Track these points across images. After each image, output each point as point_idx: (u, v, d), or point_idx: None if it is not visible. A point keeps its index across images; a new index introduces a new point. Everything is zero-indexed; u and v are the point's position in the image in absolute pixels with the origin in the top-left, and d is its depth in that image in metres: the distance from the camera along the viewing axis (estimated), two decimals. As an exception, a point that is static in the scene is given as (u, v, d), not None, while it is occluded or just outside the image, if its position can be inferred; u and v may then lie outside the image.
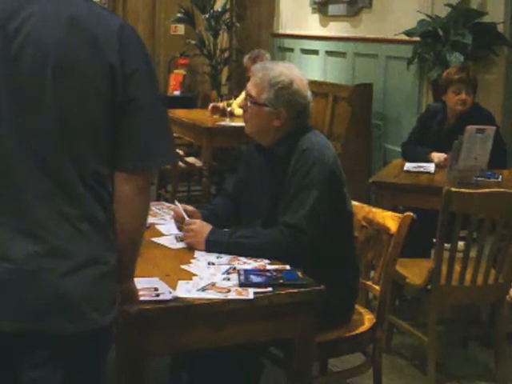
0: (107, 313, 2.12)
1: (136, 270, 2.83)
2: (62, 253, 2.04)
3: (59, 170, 2.05)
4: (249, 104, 3.29)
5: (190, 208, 3.38)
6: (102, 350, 2.18)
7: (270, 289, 2.76)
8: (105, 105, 2.06)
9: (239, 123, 6.69)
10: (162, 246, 3.22)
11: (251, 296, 2.70)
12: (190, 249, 3.16)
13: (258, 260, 3.03)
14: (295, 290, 2.79)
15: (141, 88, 2.10)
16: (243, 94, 7.38)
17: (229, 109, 7.26)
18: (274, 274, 2.87)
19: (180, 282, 2.75)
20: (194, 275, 2.85)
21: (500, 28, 6.42)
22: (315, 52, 8.89)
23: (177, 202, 3.42)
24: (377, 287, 3.47)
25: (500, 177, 4.73)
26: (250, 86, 3.31)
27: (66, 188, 2.05)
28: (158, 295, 2.60)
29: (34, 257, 2.02)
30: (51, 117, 2.03)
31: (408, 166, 5.01)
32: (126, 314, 2.32)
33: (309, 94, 3.29)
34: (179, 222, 3.32)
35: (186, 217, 3.28)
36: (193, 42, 9.88)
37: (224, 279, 2.82)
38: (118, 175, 2.13)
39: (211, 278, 2.83)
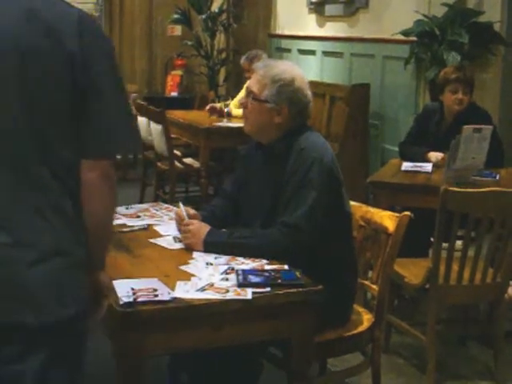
0: (72, 305, 2.11)
1: (134, 271, 2.86)
2: (28, 243, 2.04)
3: (24, 160, 2.05)
4: (250, 100, 3.30)
5: (191, 211, 3.37)
6: (75, 344, 2.18)
7: (268, 289, 2.77)
8: (67, 93, 2.07)
9: (237, 124, 6.71)
10: (161, 246, 3.23)
11: (249, 296, 2.70)
12: (189, 249, 3.16)
13: (257, 260, 3.03)
14: (293, 290, 2.79)
15: (101, 75, 2.11)
16: (241, 94, 7.42)
17: (226, 109, 7.26)
18: (273, 274, 2.88)
19: (178, 283, 2.75)
20: (193, 276, 2.85)
21: (497, 27, 6.43)
22: (312, 52, 8.90)
23: (181, 204, 3.42)
24: (375, 287, 3.48)
25: (497, 176, 4.74)
26: (251, 82, 3.32)
27: (31, 177, 2.06)
28: (156, 296, 2.60)
29: (2, 247, 2.03)
30: (14, 107, 2.04)
31: (405, 165, 5.02)
32: (98, 307, 2.31)
33: (309, 93, 3.30)
34: (180, 223, 3.32)
35: (186, 218, 3.29)
36: (190, 42, 9.89)
37: (222, 279, 2.83)
38: (83, 163, 2.12)
39: (210, 278, 2.83)
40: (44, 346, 2.09)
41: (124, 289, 2.63)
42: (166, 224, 3.50)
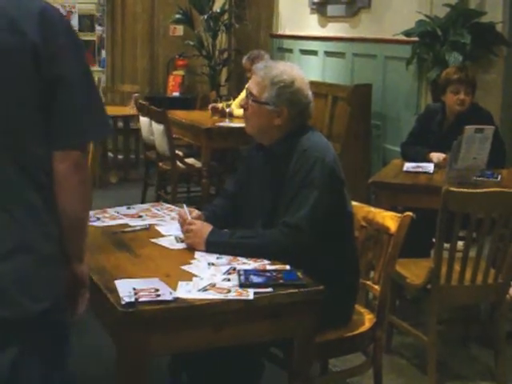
0: (43, 300, 2.11)
1: (136, 271, 2.86)
2: None
3: None
4: (250, 102, 3.29)
5: (195, 212, 3.37)
6: (47, 337, 2.17)
7: (270, 289, 2.76)
8: (33, 84, 2.07)
9: (238, 124, 6.71)
10: (162, 246, 3.22)
11: (251, 296, 2.70)
12: (190, 249, 3.16)
13: (258, 260, 3.03)
14: (295, 290, 2.79)
15: (67, 65, 2.10)
16: (242, 95, 7.42)
17: (228, 109, 7.26)
18: (274, 274, 2.87)
19: (180, 283, 2.75)
20: (195, 276, 2.85)
21: (499, 28, 6.43)
22: (314, 52, 8.90)
23: (184, 206, 3.42)
24: (377, 287, 3.48)
25: (499, 176, 4.74)
26: (251, 84, 3.31)
27: None
28: (158, 296, 2.60)
29: None
30: None
31: (407, 165, 5.02)
32: (79, 300, 2.31)
33: (310, 93, 3.29)
34: (183, 223, 3.31)
35: (189, 217, 3.29)
36: (191, 42, 9.89)
37: (224, 280, 2.83)
38: (54, 154, 2.11)
39: (211, 278, 2.83)
40: (16, 341, 2.09)
41: (126, 289, 2.63)
42: (167, 224, 3.50)
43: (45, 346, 2.17)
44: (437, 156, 5.05)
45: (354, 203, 3.45)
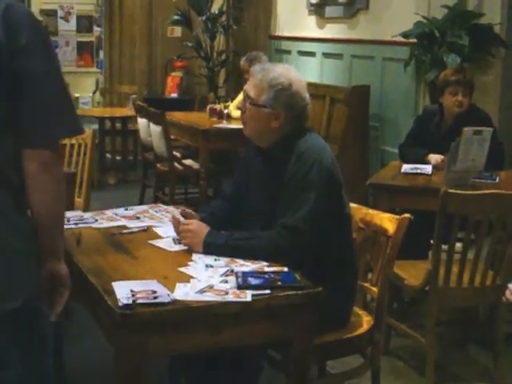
0: (13, 298, 2.10)
1: (134, 273, 2.85)
2: None
3: None
4: (247, 105, 3.29)
5: (188, 211, 3.37)
6: (27, 337, 2.16)
7: (267, 291, 2.76)
8: None
9: (236, 125, 6.71)
10: (160, 248, 3.22)
11: (249, 298, 2.70)
12: (188, 251, 3.15)
13: (256, 262, 3.03)
14: (293, 292, 2.78)
15: (32, 62, 2.09)
16: (240, 96, 7.40)
17: (226, 111, 7.26)
18: (272, 276, 2.87)
19: (178, 285, 2.74)
20: (192, 277, 2.84)
21: (497, 29, 6.43)
22: (312, 54, 8.90)
23: (173, 208, 3.43)
24: (375, 289, 3.47)
25: (497, 178, 4.74)
26: (249, 87, 3.31)
27: None
28: (156, 298, 2.60)
29: None
30: None
31: (405, 167, 5.02)
32: (57, 299, 2.29)
33: (307, 95, 3.29)
34: (177, 225, 3.31)
35: (181, 219, 3.29)
36: (190, 44, 9.88)
37: (222, 281, 2.82)
38: (23, 153, 2.10)
39: (209, 280, 2.83)
40: None
41: (123, 290, 2.63)
42: (165, 226, 3.50)
43: (19, 345, 2.15)
44: (435, 158, 5.05)
45: (351, 205, 3.45)
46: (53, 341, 2.31)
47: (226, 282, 2.82)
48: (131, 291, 2.62)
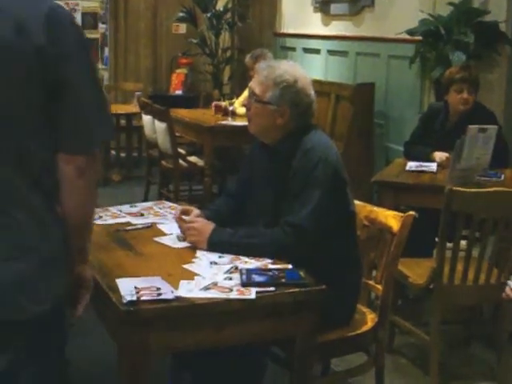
0: (43, 302, 2.10)
1: (138, 269, 2.85)
2: None
3: None
4: (253, 102, 3.29)
5: (196, 211, 3.36)
6: (51, 340, 2.16)
7: (272, 288, 2.76)
8: (37, 87, 2.05)
9: (241, 122, 6.71)
10: (164, 245, 3.22)
11: (253, 295, 2.69)
12: (192, 248, 3.15)
13: (260, 259, 3.02)
14: (297, 290, 2.78)
15: (73, 69, 2.08)
16: (245, 93, 7.41)
17: (231, 108, 7.26)
18: (276, 273, 2.87)
19: (182, 282, 2.74)
20: (196, 275, 2.84)
21: (502, 27, 6.41)
22: (317, 51, 8.89)
23: (177, 206, 3.42)
24: (379, 286, 3.47)
25: (502, 176, 4.73)
26: (254, 84, 3.30)
27: None
28: (159, 294, 2.60)
29: None
30: None
31: (410, 165, 5.01)
32: (79, 302, 2.30)
33: (312, 92, 3.28)
34: (181, 220, 3.31)
35: (186, 218, 3.29)
36: (194, 41, 9.88)
37: (226, 279, 2.82)
38: (59, 157, 2.10)
39: (213, 277, 2.82)
40: (15, 344, 2.08)
41: (127, 287, 2.63)
42: (169, 222, 3.49)
43: (42, 347, 2.15)
44: (440, 155, 5.04)
45: (356, 202, 3.44)
46: None
47: (231, 279, 2.82)
48: (135, 288, 2.62)
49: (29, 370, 2.12)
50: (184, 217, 3.31)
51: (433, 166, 4.95)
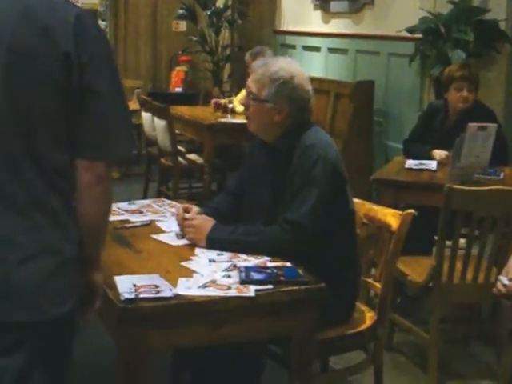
0: (62, 304, 2.11)
1: (136, 267, 2.85)
2: (12, 242, 2.05)
3: (12, 158, 2.06)
4: (250, 101, 3.28)
5: (195, 208, 3.36)
6: (63, 342, 2.18)
7: (270, 286, 2.76)
8: (60, 93, 2.06)
9: (241, 120, 6.70)
10: (163, 242, 3.22)
11: (252, 293, 2.69)
12: (191, 246, 3.15)
13: (259, 257, 3.02)
14: (296, 288, 2.78)
15: (98, 77, 2.09)
16: (244, 91, 7.38)
17: (230, 105, 7.25)
18: (275, 271, 2.87)
19: (180, 279, 2.74)
20: (195, 272, 2.84)
21: (502, 25, 6.41)
22: (317, 49, 8.88)
23: (177, 204, 3.42)
24: (378, 284, 3.47)
25: (502, 174, 4.72)
26: (250, 82, 3.30)
27: (18, 176, 2.06)
28: (158, 292, 2.59)
29: None
30: (4, 104, 2.04)
31: (409, 163, 5.00)
32: (90, 306, 2.31)
33: (310, 88, 3.28)
34: (180, 217, 3.30)
35: (185, 215, 3.29)
36: (194, 38, 9.87)
37: (225, 276, 2.82)
38: (77, 163, 2.12)
39: (212, 275, 2.82)
40: (30, 344, 2.09)
41: (126, 285, 2.63)
42: (168, 220, 3.49)
43: (57, 350, 2.17)
44: (439, 153, 5.03)
45: (355, 200, 3.44)
46: None
47: (229, 276, 2.82)
48: (133, 285, 2.62)
49: (41, 370, 2.14)
50: (186, 215, 3.30)
51: (432, 164, 4.94)
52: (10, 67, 2.04)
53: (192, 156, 7.36)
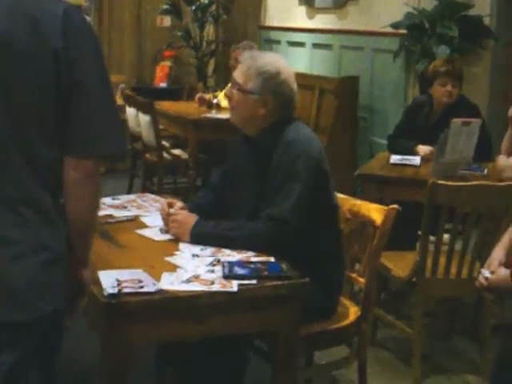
0: (53, 301, 2.11)
1: (120, 262, 2.84)
2: (4, 240, 2.04)
3: (2, 155, 2.05)
4: (235, 91, 3.28)
5: (179, 204, 3.35)
6: (53, 339, 2.18)
7: (254, 281, 2.75)
8: (49, 89, 2.05)
9: (225, 115, 6.66)
10: (147, 237, 3.21)
11: (235, 288, 2.69)
12: (175, 241, 3.14)
13: (243, 252, 3.02)
14: (280, 283, 2.78)
15: (86, 73, 2.09)
16: (229, 87, 7.37)
17: (215, 101, 7.24)
18: (259, 266, 2.86)
19: (164, 274, 2.73)
20: (178, 267, 2.83)
21: (486, 21, 6.44)
22: (302, 44, 8.88)
23: (162, 199, 3.42)
24: (362, 280, 3.47)
25: (485, 170, 4.74)
26: (237, 73, 3.30)
27: (8, 173, 2.06)
28: (141, 287, 2.59)
29: None
30: None
31: (394, 158, 5.01)
32: (77, 304, 2.31)
33: (295, 85, 3.28)
34: (165, 212, 3.30)
35: (171, 210, 3.28)
36: (179, 33, 9.85)
37: (208, 271, 2.81)
38: (66, 160, 2.11)
39: (195, 270, 2.82)
40: (21, 342, 2.09)
41: (109, 280, 2.62)
42: (152, 215, 3.49)
43: (46, 347, 2.16)
44: (423, 149, 5.04)
45: (339, 195, 3.44)
46: None
47: (213, 271, 2.81)
48: (117, 280, 2.61)
49: (33, 370, 2.13)
50: (171, 210, 3.30)
51: (416, 160, 4.95)
52: (1, 64, 2.03)
53: (177, 151, 7.35)
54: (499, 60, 6.61)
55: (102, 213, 3.49)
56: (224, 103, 7.16)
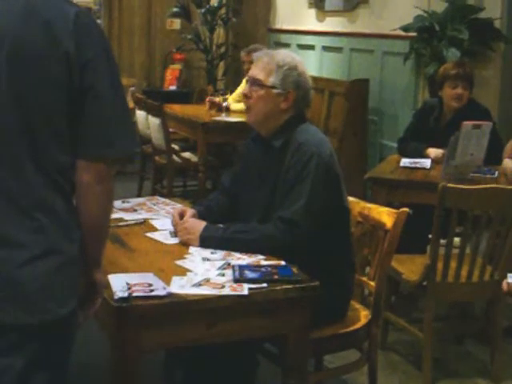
0: (65, 304, 2.11)
1: (130, 265, 2.84)
2: (17, 243, 2.04)
3: (14, 158, 2.05)
4: (255, 89, 3.27)
5: (190, 211, 3.34)
6: (64, 341, 2.17)
7: (264, 284, 2.75)
8: (62, 92, 2.05)
9: (235, 118, 6.71)
10: (157, 241, 3.21)
11: (246, 292, 2.68)
12: (185, 244, 3.14)
13: (253, 256, 3.01)
14: (290, 286, 2.77)
15: (98, 76, 2.08)
16: (239, 89, 7.40)
17: (225, 104, 7.24)
18: (269, 269, 2.86)
19: (174, 278, 2.73)
20: (189, 271, 2.83)
21: (497, 24, 6.42)
22: (311, 47, 8.87)
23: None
24: (372, 283, 3.46)
25: (496, 173, 4.72)
26: (255, 71, 3.29)
27: (21, 177, 2.05)
28: (152, 291, 2.58)
29: None
30: (7, 103, 2.03)
31: (404, 161, 5.00)
32: (90, 306, 2.31)
33: (310, 79, 3.31)
34: (175, 225, 3.29)
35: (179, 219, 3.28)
36: (189, 36, 9.86)
37: (218, 275, 2.81)
38: (78, 163, 2.11)
39: (206, 273, 2.81)
40: (32, 345, 2.08)
41: (119, 283, 2.62)
42: (162, 218, 3.49)
43: (58, 350, 2.16)
44: (434, 152, 5.03)
45: (350, 199, 3.44)
46: None
47: (223, 275, 2.81)
48: (127, 284, 2.61)
49: (43, 371, 2.13)
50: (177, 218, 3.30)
51: (427, 163, 4.94)
52: (13, 68, 2.03)
53: (186, 154, 7.35)
54: (510, 63, 6.58)
55: (112, 216, 3.50)
56: (234, 106, 7.17)
